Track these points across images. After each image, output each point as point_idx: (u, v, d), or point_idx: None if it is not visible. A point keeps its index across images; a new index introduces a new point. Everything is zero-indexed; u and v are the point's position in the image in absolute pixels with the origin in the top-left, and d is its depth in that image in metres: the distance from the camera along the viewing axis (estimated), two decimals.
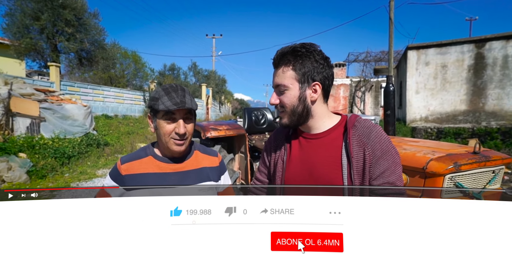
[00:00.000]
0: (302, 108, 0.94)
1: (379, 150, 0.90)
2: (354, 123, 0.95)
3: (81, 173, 6.87)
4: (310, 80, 0.92)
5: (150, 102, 1.03)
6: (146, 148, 1.11)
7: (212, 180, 1.13)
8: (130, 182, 1.02)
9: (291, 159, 1.01)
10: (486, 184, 1.41)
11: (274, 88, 0.97)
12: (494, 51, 9.31)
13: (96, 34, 15.12)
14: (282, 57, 0.93)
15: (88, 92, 12.01)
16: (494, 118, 9.27)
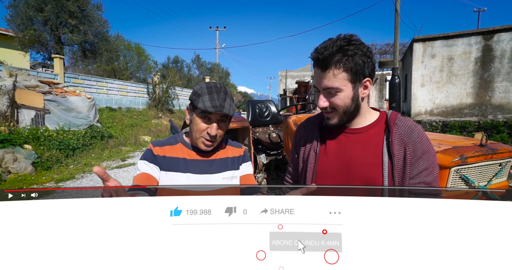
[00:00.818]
0: (354, 108, 0.91)
1: (420, 150, 0.89)
2: (395, 121, 0.93)
3: (86, 165, 6.94)
4: (361, 78, 0.88)
5: (191, 96, 1.06)
6: (176, 137, 1.16)
7: (233, 169, 1.17)
8: (162, 162, 1.07)
9: (326, 152, 0.98)
10: (492, 177, 1.39)
11: (321, 90, 0.91)
12: (502, 43, 9.11)
13: (100, 26, 15.08)
14: (331, 58, 0.85)
15: (92, 84, 12.03)
16: (501, 111, 9.14)
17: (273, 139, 3.15)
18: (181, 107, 17.90)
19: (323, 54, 0.85)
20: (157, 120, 13.86)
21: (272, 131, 3.31)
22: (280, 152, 3.31)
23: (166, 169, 1.07)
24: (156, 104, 15.24)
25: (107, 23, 15.75)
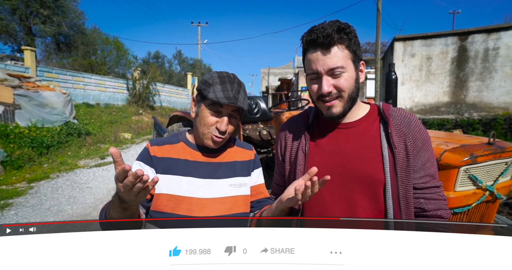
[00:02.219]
0: (357, 93, 0.85)
1: (420, 140, 0.84)
2: (390, 112, 0.87)
3: (62, 163, 6.58)
4: (358, 60, 0.84)
5: (200, 85, 0.95)
6: (178, 134, 1.04)
7: (241, 175, 1.03)
8: (159, 164, 0.94)
9: (316, 151, 0.90)
10: (498, 176, 1.39)
11: (323, 74, 0.82)
12: (476, 44, 9.51)
13: (75, 18, 14.34)
14: (334, 35, 0.79)
15: (68, 79, 11.42)
16: (475, 109, 9.56)
17: (264, 137, 3.07)
18: (163, 103, 17.44)
19: (324, 32, 0.79)
20: (137, 117, 13.41)
21: (262, 128, 3.23)
22: (271, 150, 3.23)
23: (163, 172, 0.93)
24: (137, 100, 14.74)
25: (83, 15, 15.02)
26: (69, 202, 4.29)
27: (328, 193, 0.86)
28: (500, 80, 9.23)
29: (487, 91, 9.45)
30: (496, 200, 1.43)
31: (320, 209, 0.88)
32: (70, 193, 4.72)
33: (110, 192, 4.78)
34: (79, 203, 4.28)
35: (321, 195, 0.87)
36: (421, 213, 0.85)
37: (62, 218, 3.70)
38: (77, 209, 4.02)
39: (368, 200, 0.83)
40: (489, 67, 9.39)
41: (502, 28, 9.16)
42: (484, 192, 1.35)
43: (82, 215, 3.81)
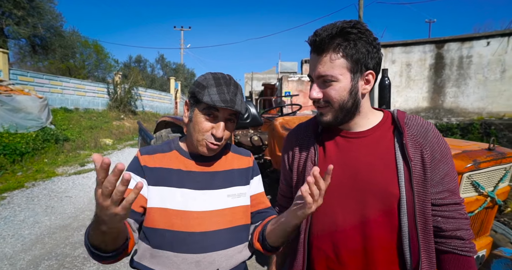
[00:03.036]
0: (352, 103, 0.77)
1: (439, 152, 0.78)
2: (405, 121, 0.81)
3: (38, 171, 6.23)
4: (363, 69, 0.75)
5: (193, 88, 0.88)
6: (171, 142, 0.96)
7: (239, 185, 0.95)
8: (151, 175, 0.86)
9: (326, 161, 0.83)
10: (498, 182, 1.40)
11: (314, 79, 0.78)
12: (451, 52, 9.95)
13: (52, 20, 13.81)
14: (330, 40, 0.72)
15: (44, 82, 10.92)
16: (452, 114, 9.96)
17: (255, 142, 3.02)
18: (145, 108, 17.05)
19: (320, 35, 0.73)
20: (119, 122, 13.02)
21: (253, 133, 3.18)
22: (262, 156, 3.18)
23: (155, 184, 0.85)
24: (118, 105, 14.33)
25: (61, 16, 14.50)
26: (47, 213, 4.04)
27: (339, 207, 0.81)
28: (474, 87, 9.69)
29: (463, 96, 9.88)
30: (494, 206, 1.45)
31: (330, 225, 0.82)
32: (47, 203, 4.45)
33: (91, 201, 4.55)
34: (58, 213, 4.04)
35: (332, 209, 0.81)
36: (438, 232, 0.79)
37: (39, 231, 3.47)
38: (55, 220, 3.79)
39: (382, 215, 0.76)
40: (463, 74, 9.84)
41: (474, 38, 9.65)
42: (486, 198, 1.36)
43: (61, 227, 3.59)
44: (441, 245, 0.79)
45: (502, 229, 1.71)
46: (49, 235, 3.38)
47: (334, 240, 0.81)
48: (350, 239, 0.79)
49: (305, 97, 18.62)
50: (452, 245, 0.78)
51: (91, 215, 4.01)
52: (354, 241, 0.79)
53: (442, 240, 0.79)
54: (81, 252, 2.99)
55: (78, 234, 3.39)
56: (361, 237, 0.78)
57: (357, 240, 0.78)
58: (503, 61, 9.23)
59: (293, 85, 14.79)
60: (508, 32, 9.14)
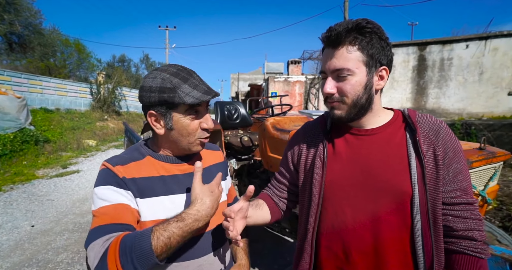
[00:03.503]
0: (366, 99, 0.76)
1: (451, 150, 0.77)
2: (416, 119, 0.80)
3: (16, 174, 5.97)
4: (378, 64, 0.75)
5: (159, 95, 0.76)
6: (139, 148, 0.87)
7: None
8: (133, 187, 0.77)
9: (335, 159, 0.82)
10: (488, 181, 1.43)
11: (328, 73, 0.76)
12: (433, 54, 10.25)
13: (30, 17, 13.30)
14: (346, 34, 0.72)
15: (23, 82, 10.49)
16: (434, 115, 10.22)
17: (245, 143, 2.99)
18: (130, 108, 16.68)
19: (336, 30, 0.73)
20: (102, 123, 12.68)
21: (243, 134, 3.15)
22: (251, 156, 3.16)
23: (141, 196, 0.77)
24: (101, 106, 13.95)
25: (40, 14, 13.97)
26: (27, 217, 3.86)
27: (348, 206, 0.79)
28: (454, 88, 10.01)
29: (444, 97, 10.20)
30: (484, 205, 1.48)
31: (340, 224, 0.80)
32: (27, 206, 4.26)
33: (75, 204, 4.40)
34: (39, 217, 3.87)
35: (341, 208, 0.80)
36: (449, 232, 0.78)
37: (18, 236, 3.31)
38: (36, 225, 3.63)
39: (394, 214, 0.75)
40: (445, 76, 10.15)
41: (454, 40, 9.98)
42: (477, 197, 1.39)
43: (42, 231, 3.44)
44: (451, 245, 0.78)
45: (488, 227, 1.75)
46: (29, 240, 3.23)
47: (344, 240, 0.79)
48: (360, 238, 0.77)
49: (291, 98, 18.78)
50: (463, 245, 0.77)
51: (75, 218, 3.88)
52: (364, 241, 0.77)
53: (453, 240, 0.78)
54: (64, 257, 2.87)
55: (60, 239, 3.26)
56: (372, 237, 0.76)
57: (368, 240, 0.77)
58: (481, 63, 9.59)
59: (279, 85, 14.84)
60: (485, 35, 9.51)
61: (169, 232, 0.67)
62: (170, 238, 0.67)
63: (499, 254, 1.09)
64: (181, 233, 0.68)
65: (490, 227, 1.73)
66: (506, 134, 7.22)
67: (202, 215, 0.73)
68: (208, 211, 0.74)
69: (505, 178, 4.08)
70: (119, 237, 0.67)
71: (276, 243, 3.07)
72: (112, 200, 0.73)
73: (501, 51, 9.33)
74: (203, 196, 0.75)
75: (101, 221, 0.70)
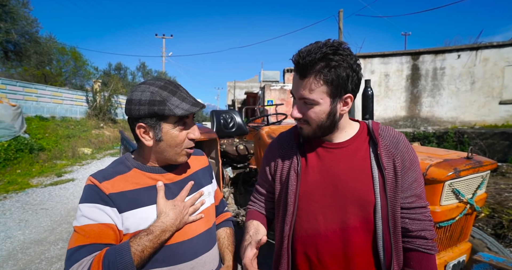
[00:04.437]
0: (330, 123, 0.84)
1: (408, 161, 0.85)
2: (379, 132, 0.88)
3: (10, 183, 5.91)
4: (342, 93, 0.79)
5: (149, 108, 0.78)
6: (123, 162, 0.88)
7: (207, 183, 1.01)
8: (120, 202, 0.79)
9: (307, 171, 0.89)
10: (476, 189, 1.47)
11: (297, 99, 0.83)
12: (426, 63, 10.45)
13: (27, 25, 13.34)
14: (312, 66, 0.76)
15: (18, 90, 10.46)
16: (428, 123, 10.39)
17: (241, 152, 3.02)
18: (126, 117, 16.63)
19: (304, 59, 0.76)
20: (98, 131, 12.63)
21: (239, 142, 3.18)
22: (247, 165, 3.18)
23: (128, 208, 0.79)
24: (97, 113, 13.91)
25: (37, 22, 14.02)
26: (20, 227, 3.82)
27: (321, 214, 0.86)
28: (447, 97, 10.18)
29: (437, 106, 10.36)
30: (473, 213, 1.52)
31: (313, 231, 0.87)
32: (21, 216, 4.22)
33: (70, 213, 4.36)
34: (32, 227, 3.83)
35: (314, 216, 0.86)
36: (406, 233, 0.86)
37: (11, 246, 3.27)
38: (29, 234, 3.59)
39: (359, 221, 0.83)
40: (438, 85, 10.33)
41: (446, 50, 10.20)
42: (466, 205, 1.42)
43: (36, 241, 3.40)
44: (407, 244, 0.87)
45: (479, 234, 1.78)
46: (22, 250, 3.19)
47: (317, 245, 0.86)
48: (331, 244, 0.84)
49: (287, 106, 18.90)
50: (417, 244, 0.85)
51: (69, 227, 3.84)
52: (335, 247, 0.84)
53: (409, 240, 0.86)
54: (58, 267, 2.84)
55: (55, 249, 3.23)
56: (342, 243, 0.84)
57: (338, 245, 0.84)
58: (472, 73, 9.80)
59: (275, 94, 14.96)
60: (476, 46, 9.74)
61: (142, 246, 0.74)
62: (143, 251, 0.74)
63: (487, 261, 1.12)
64: (152, 245, 0.76)
65: (480, 235, 1.76)
66: (497, 142, 7.34)
67: (167, 225, 0.79)
68: (172, 222, 0.80)
69: (497, 186, 4.14)
70: (101, 254, 0.71)
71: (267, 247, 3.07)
72: (97, 219, 0.75)
73: (491, 61, 9.55)
74: (167, 210, 0.81)
75: (84, 240, 0.74)
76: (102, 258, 0.70)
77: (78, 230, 0.75)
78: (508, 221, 2.89)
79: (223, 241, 1.03)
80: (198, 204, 0.91)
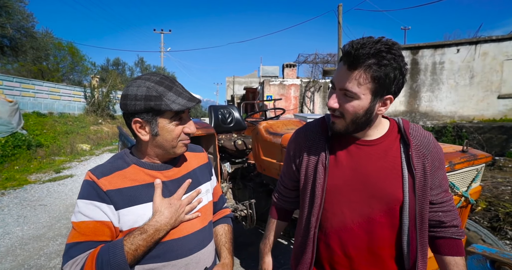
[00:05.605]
0: (365, 120, 0.82)
1: (437, 161, 0.87)
2: (410, 131, 0.87)
3: (8, 179, 5.91)
4: (384, 93, 0.78)
5: (143, 103, 0.79)
6: (123, 157, 0.88)
7: (205, 181, 1.00)
8: (118, 198, 0.79)
9: (337, 165, 0.88)
10: (471, 182, 1.48)
11: (337, 89, 0.81)
12: (425, 58, 10.41)
13: (23, 20, 13.19)
14: (364, 60, 0.74)
15: (14, 86, 10.40)
16: (427, 118, 10.39)
17: (239, 147, 3.01)
18: None
19: (357, 50, 0.74)
20: (96, 127, 12.60)
21: (237, 138, 3.18)
22: (245, 160, 3.18)
23: (125, 205, 0.79)
24: (95, 109, 13.87)
25: (32, 17, 13.86)
26: (18, 223, 3.83)
27: (347, 208, 0.87)
28: (446, 91, 10.17)
29: (436, 101, 10.35)
30: (468, 205, 1.53)
31: (339, 223, 0.89)
32: (19, 212, 4.22)
33: (68, 209, 4.37)
34: (31, 223, 3.84)
35: (341, 210, 0.88)
36: (439, 224, 0.89)
37: (9, 242, 3.28)
38: (28, 230, 3.60)
39: (386, 217, 0.84)
40: (437, 80, 10.31)
41: (445, 45, 10.16)
42: (460, 198, 1.43)
43: (34, 237, 3.41)
44: (440, 233, 0.90)
45: (474, 227, 1.80)
46: (21, 246, 3.20)
47: (341, 238, 0.88)
48: (357, 237, 0.86)
49: (286, 101, 18.90)
50: (450, 232, 0.89)
51: (68, 223, 3.85)
52: (360, 239, 0.86)
53: (443, 230, 0.90)
54: (57, 262, 2.86)
55: (53, 244, 3.24)
56: (367, 236, 0.85)
57: (363, 238, 0.86)
58: (471, 67, 9.78)
59: (274, 89, 14.92)
60: (475, 40, 9.70)
61: (136, 245, 0.75)
62: (137, 250, 0.75)
63: (480, 252, 1.14)
64: (145, 244, 0.76)
65: (475, 227, 1.78)
66: (495, 136, 7.36)
67: (161, 224, 0.79)
68: (166, 221, 0.81)
69: (494, 180, 4.16)
70: (94, 252, 0.72)
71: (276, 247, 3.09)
72: (92, 217, 0.76)
73: (491, 55, 9.52)
74: (162, 208, 0.81)
75: (80, 236, 0.75)
76: (96, 256, 0.72)
77: (75, 226, 0.76)
78: (504, 214, 2.91)
79: (220, 238, 1.04)
80: (195, 202, 0.91)
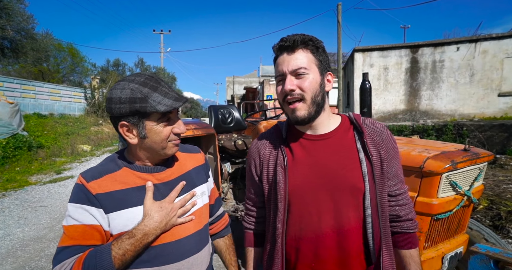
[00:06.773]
0: (321, 98, 0.85)
1: (392, 149, 0.88)
2: (362, 121, 0.90)
3: (9, 180, 5.91)
4: (325, 69, 0.86)
5: (130, 106, 0.76)
6: (114, 159, 0.86)
7: (201, 183, 0.96)
8: (107, 202, 0.77)
9: (295, 165, 0.87)
10: (473, 181, 1.47)
11: (288, 74, 0.83)
12: (425, 56, 10.39)
13: (23, 21, 13.20)
14: (301, 42, 0.83)
15: (15, 87, 10.41)
16: (427, 116, 10.36)
17: (239, 147, 3.01)
18: None
19: (291, 39, 0.84)
20: (97, 128, 12.61)
21: (237, 138, 3.17)
22: (245, 160, 3.17)
23: (114, 209, 0.77)
24: (96, 110, 13.88)
25: (33, 18, 13.87)
26: (19, 224, 3.83)
27: (313, 207, 0.84)
28: (446, 90, 10.14)
29: (437, 99, 10.32)
30: (470, 205, 1.51)
31: (306, 225, 0.85)
32: (20, 213, 4.22)
33: None
34: (32, 224, 3.84)
35: (307, 210, 0.85)
36: (396, 219, 0.92)
37: (10, 244, 3.28)
38: (29, 232, 3.60)
39: (352, 209, 0.83)
40: (437, 78, 10.28)
41: (445, 43, 10.12)
42: (463, 197, 1.42)
43: (35, 238, 3.41)
44: (396, 228, 0.92)
45: (476, 226, 1.78)
46: (21, 247, 3.20)
47: (311, 240, 0.85)
48: (325, 235, 0.83)
49: None
50: (405, 227, 0.92)
51: None
52: (329, 237, 0.83)
53: (398, 224, 0.92)
54: None
55: (54, 246, 3.23)
56: (335, 233, 0.83)
57: (332, 236, 0.83)
58: (471, 65, 9.74)
59: (274, 88, 14.90)
60: (475, 38, 9.67)
61: (123, 250, 0.73)
62: (124, 254, 0.73)
63: (484, 252, 1.12)
64: (133, 248, 0.75)
65: (478, 226, 1.76)
66: (496, 134, 7.34)
67: (150, 228, 0.77)
68: (155, 225, 0.78)
69: (495, 178, 4.15)
70: (82, 257, 0.72)
71: None
72: (82, 221, 0.75)
73: (490, 53, 9.49)
74: (152, 212, 0.79)
75: (69, 240, 0.75)
76: (83, 261, 0.71)
77: (65, 230, 0.76)
78: (506, 212, 2.90)
79: (225, 256, 1.05)
80: (188, 205, 0.87)
